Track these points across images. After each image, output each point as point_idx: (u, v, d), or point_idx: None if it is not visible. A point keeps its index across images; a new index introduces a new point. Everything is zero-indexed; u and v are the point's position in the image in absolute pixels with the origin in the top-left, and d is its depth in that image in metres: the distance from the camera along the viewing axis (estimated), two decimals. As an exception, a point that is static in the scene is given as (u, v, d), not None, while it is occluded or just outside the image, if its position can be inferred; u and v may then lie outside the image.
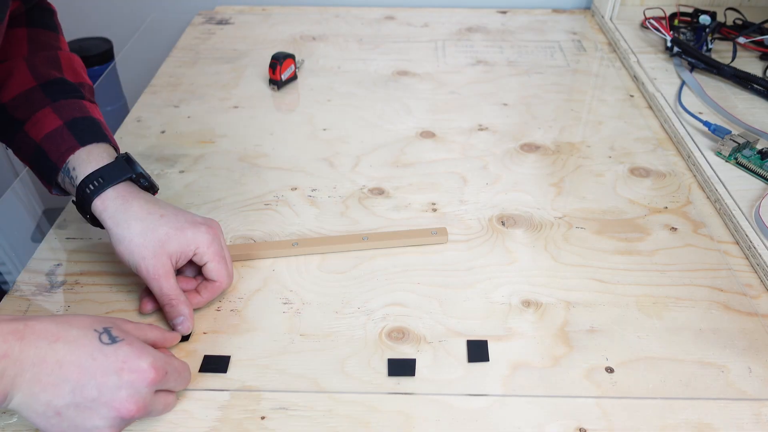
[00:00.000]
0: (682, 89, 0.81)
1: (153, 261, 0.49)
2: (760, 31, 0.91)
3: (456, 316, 0.53)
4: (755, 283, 0.56)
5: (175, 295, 0.49)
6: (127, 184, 0.51)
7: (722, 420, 0.45)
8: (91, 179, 0.50)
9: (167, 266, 0.49)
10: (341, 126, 0.77)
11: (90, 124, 0.53)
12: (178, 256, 0.50)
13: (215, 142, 0.74)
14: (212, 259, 0.51)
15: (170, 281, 0.49)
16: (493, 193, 0.66)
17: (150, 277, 0.49)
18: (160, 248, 0.49)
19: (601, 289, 0.55)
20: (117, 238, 0.49)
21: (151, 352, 0.42)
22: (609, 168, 0.70)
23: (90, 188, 0.50)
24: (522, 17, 1.06)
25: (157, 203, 0.51)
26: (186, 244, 0.50)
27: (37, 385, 0.38)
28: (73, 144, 0.51)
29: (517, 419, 0.45)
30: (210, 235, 0.51)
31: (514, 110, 0.81)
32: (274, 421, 0.45)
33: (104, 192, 0.50)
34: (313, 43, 0.97)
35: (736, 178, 0.66)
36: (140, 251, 0.49)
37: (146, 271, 0.49)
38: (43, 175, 0.53)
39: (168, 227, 0.49)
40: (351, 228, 0.62)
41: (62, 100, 0.53)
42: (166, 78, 0.87)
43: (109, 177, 0.50)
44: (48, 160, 0.51)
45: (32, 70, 0.53)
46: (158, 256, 0.49)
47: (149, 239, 0.49)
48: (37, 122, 0.52)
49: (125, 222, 0.49)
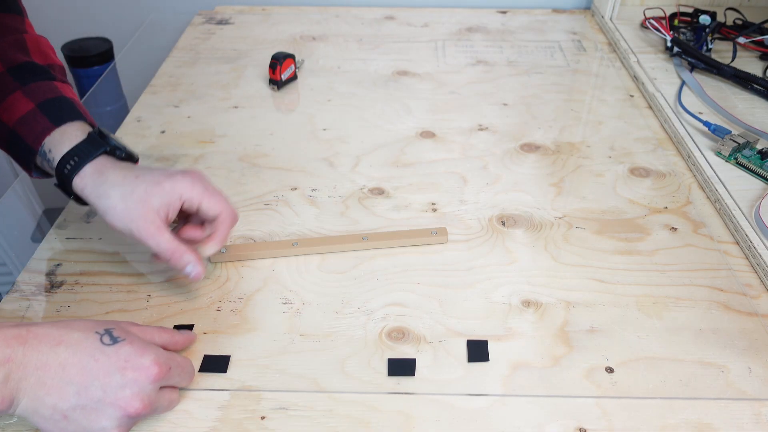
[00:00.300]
0: (682, 89, 0.81)
1: (141, 221, 0.48)
2: (760, 31, 0.91)
3: (456, 316, 0.53)
4: (755, 283, 0.56)
5: (174, 246, 0.49)
6: (104, 157, 0.51)
7: (722, 420, 0.45)
8: (67, 159, 0.50)
9: (156, 222, 0.48)
10: (341, 126, 0.77)
11: (62, 103, 0.52)
12: (166, 209, 0.49)
13: (215, 142, 0.74)
14: (202, 197, 0.50)
15: (165, 235, 0.49)
16: (493, 193, 0.66)
17: (144, 237, 0.48)
18: (144, 207, 0.48)
19: (601, 289, 0.55)
20: (102, 210, 0.49)
21: (152, 349, 0.42)
22: (609, 168, 0.70)
23: (67, 168, 0.50)
24: (522, 17, 1.06)
25: (132, 168, 0.51)
26: (168, 195, 0.49)
27: (42, 388, 0.38)
28: (47, 125, 0.51)
29: (517, 419, 0.45)
30: (189, 179, 0.50)
31: (514, 110, 0.81)
32: (274, 421, 0.45)
33: (81, 170, 0.50)
34: (313, 43, 0.97)
35: (736, 178, 0.66)
36: (127, 215, 0.48)
37: (138, 233, 0.48)
38: (20, 160, 0.53)
39: (146, 184, 0.49)
40: (351, 228, 0.62)
41: (32, 84, 0.52)
42: (166, 78, 0.88)
43: (84, 154, 0.50)
44: (24, 143, 0.51)
45: None
46: (145, 216, 0.48)
47: (131, 201, 0.48)
48: (8, 107, 0.51)
49: (104, 192, 0.49)
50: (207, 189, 0.51)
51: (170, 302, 0.54)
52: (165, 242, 0.49)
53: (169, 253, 0.49)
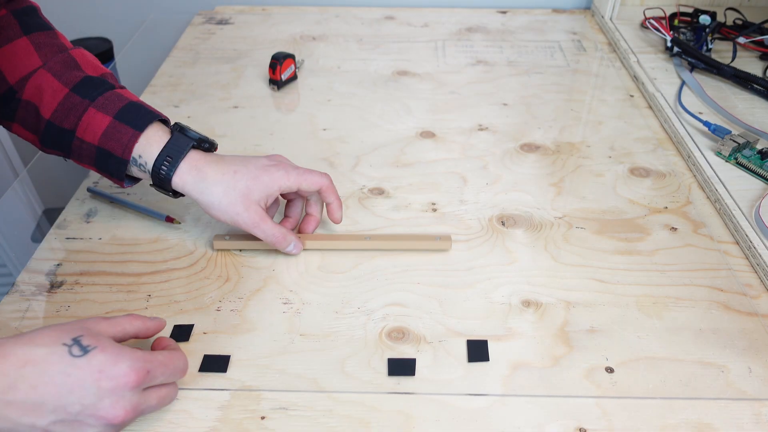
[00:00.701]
0: (682, 89, 0.81)
1: (246, 214, 0.53)
2: (760, 31, 0.91)
3: (456, 316, 0.53)
4: (755, 283, 0.56)
5: (278, 232, 0.55)
6: (193, 152, 0.54)
7: (722, 420, 0.45)
8: (161, 161, 0.53)
9: (260, 212, 0.54)
10: (341, 126, 0.77)
11: (136, 108, 0.54)
12: (266, 200, 0.55)
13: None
14: (298, 181, 0.55)
15: (268, 223, 0.54)
16: (493, 193, 0.66)
17: (250, 227, 0.54)
18: (247, 200, 0.53)
19: (601, 289, 0.55)
20: (206, 204, 0.54)
21: (127, 354, 0.40)
22: (609, 168, 0.70)
23: (163, 170, 0.53)
24: (522, 17, 1.06)
25: (225, 161, 0.55)
26: (267, 188, 0.54)
27: (16, 411, 0.37)
28: (133, 134, 0.53)
29: (517, 419, 0.45)
30: (282, 170, 0.55)
31: (514, 110, 0.81)
32: (274, 421, 0.45)
33: (177, 168, 0.53)
34: (313, 43, 0.97)
35: (736, 178, 0.66)
36: (232, 209, 0.53)
37: (244, 224, 0.54)
38: (112, 173, 0.55)
39: (246, 180, 0.54)
40: (351, 228, 0.62)
41: (99, 98, 0.54)
42: (166, 78, 0.88)
43: (176, 153, 0.53)
44: (114, 157, 0.53)
45: (58, 77, 0.54)
46: (249, 208, 0.53)
47: (234, 197, 0.53)
48: (87, 126, 0.53)
49: (207, 189, 0.53)
50: (299, 172, 0.56)
51: (170, 302, 0.54)
52: (270, 229, 0.54)
53: (275, 238, 0.55)
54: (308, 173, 0.56)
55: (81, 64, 0.56)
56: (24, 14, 0.56)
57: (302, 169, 0.56)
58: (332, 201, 0.58)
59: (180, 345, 0.50)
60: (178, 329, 0.51)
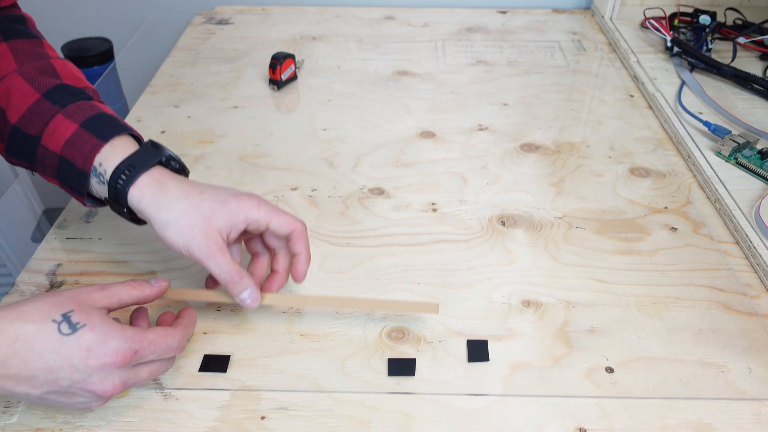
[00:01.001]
0: (682, 89, 0.81)
1: (203, 239, 0.46)
2: (760, 31, 0.91)
3: (456, 316, 0.53)
4: (755, 283, 0.56)
5: (234, 269, 0.47)
6: (159, 168, 0.49)
7: (722, 420, 0.45)
8: (122, 169, 0.47)
9: (219, 242, 0.46)
10: (341, 126, 0.77)
11: (106, 119, 0.50)
12: (229, 230, 0.47)
13: (215, 142, 0.74)
14: (269, 217, 0.48)
15: (225, 256, 0.46)
16: (493, 193, 0.66)
17: (203, 257, 0.46)
18: (207, 224, 0.46)
19: (601, 289, 0.55)
20: (161, 223, 0.46)
21: (115, 333, 0.40)
22: (609, 168, 0.70)
23: (122, 179, 0.47)
24: (522, 17, 1.06)
25: (193, 183, 0.49)
26: (233, 215, 0.47)
27: (9, 382, 0.38)
28: (95, 143, 0.48)
29: (517, 419, 0.45)
30: (255, 200, 0.48)
31: (514, 110, 0.81)
32: (274, 421, 0.45)
33: (138, 179, 0.47)
34: (313, 43, 0.97)
35: (736, 178, 0.66)
36: (188, 231, 0.46)
37: (198, 251, 0.46)
38: (72, 187, 0.50)
39: (210, 201, 0.47)
40: (351, 228, 0.62)
41: (71, 105, 0.49)
42: (166, 78, 0.88)
43: (140, 163, 0.47)
44: (74, 167, 0.48)
45: (30, 82, 0.50)
46: (208, 234, 0.46)
47: (194, 217, 0.46)
48: (52, 133, 0.49)
49: (166, 204, 0.46)
50: (272, 208, 0.49)
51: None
52: (225, 263, 0.46)
53: (228, 276, 0.46)
54: (282, 212, 0.49)
55: (60, 74, 0.52)
56: (9, 21, 0.53)
57: (276, 207, 0.49)
58: (301, 251, 0.50)
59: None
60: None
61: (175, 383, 0.47)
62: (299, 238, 0.49)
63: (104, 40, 1.03)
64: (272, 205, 0.49)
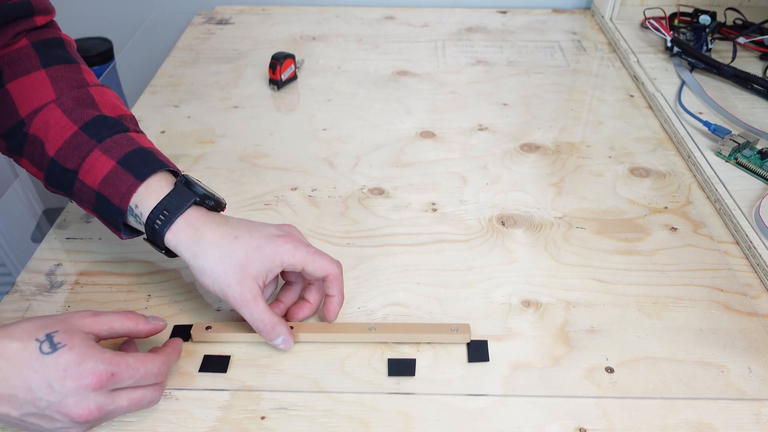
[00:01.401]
0: (682, 89, 0.81)
1: (238, 288, 0.46)
2: (760, 31, 0.91)
3: (456, 316, 0.53)
4: (755, 283, 0.56)
5: (268, 318, 0.47)
6: (194, 209, 0.48)
7: (722, 420, 0.45)
8: (156, 214, 0.47)
9: (254, 289, 0.46)
10: (341, 126, 0.77)
11: (143, 155, 0.49)
12: (265, 276, 0.47)
13: (215, 142, 0.74)
14: (305, 261, 0.48)
15: (259, 305, 0.47)
16: (493, 193, 0.66)
17: (239, 305, 0.46)
18: (243, 273, 0.46)
19: (601, 289, 0.55)
20: (198, 270, 0.47)
21: (94, 355, 0.39)
22: (609, 168, 0.70)
23: (158, 224, 0.47)
24: (522, 17, 1.06)
25: (228, 224, 0.49)
26: (269, 261, 0.47)
27: None
28: (132, 182, 0.48)
29: (517, 419, 0.45)
30: (291, 244, 0.48)
31: (514, 110, 0.81)
32: (274, 421, 0.45)
33: (173, 224, 0.47)
34: (313, 43, 0.97)
35: (736, 178, 0.66)
36: (224, 279, 0.46)
37: (233, 299, 0.46)
38: (110, 222, 0.50)
39: (245, 248, 0.47)
40: (351, 228, 0.62)
41: (108, 139, 0.49)
42: (166, 78, 0.88)
43: (174, 207, 0.47)
44: (111, 205, 0.48)
45: (68, 114, 0.50)
46: (242, 282, 0.46)
47: (229, 265, 0.46)
48: (90, 168, 0.49)
49: (201, 252, 0.46)
50: (309, 251, 0.48)
51: (170, 302, 0.54)
52: (259, 313, 0.47)
53: (262, 325, 0.47)
54: (318, 255, 0.48)
55: (98, 103, 0.51)
56: (45, 46, 0.52)
57: (313, 249, 0.49)
58: (335, 294, 0.50)
59: (180, 345, 0.50)
60: (178, 329, 0.51)
61: (175, 383, 0.47)
62: (334, 282, 0.50)
63: (104, 40, 1.03)
64: (309, 247, 0.49)
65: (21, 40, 0.52)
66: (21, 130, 0.50)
